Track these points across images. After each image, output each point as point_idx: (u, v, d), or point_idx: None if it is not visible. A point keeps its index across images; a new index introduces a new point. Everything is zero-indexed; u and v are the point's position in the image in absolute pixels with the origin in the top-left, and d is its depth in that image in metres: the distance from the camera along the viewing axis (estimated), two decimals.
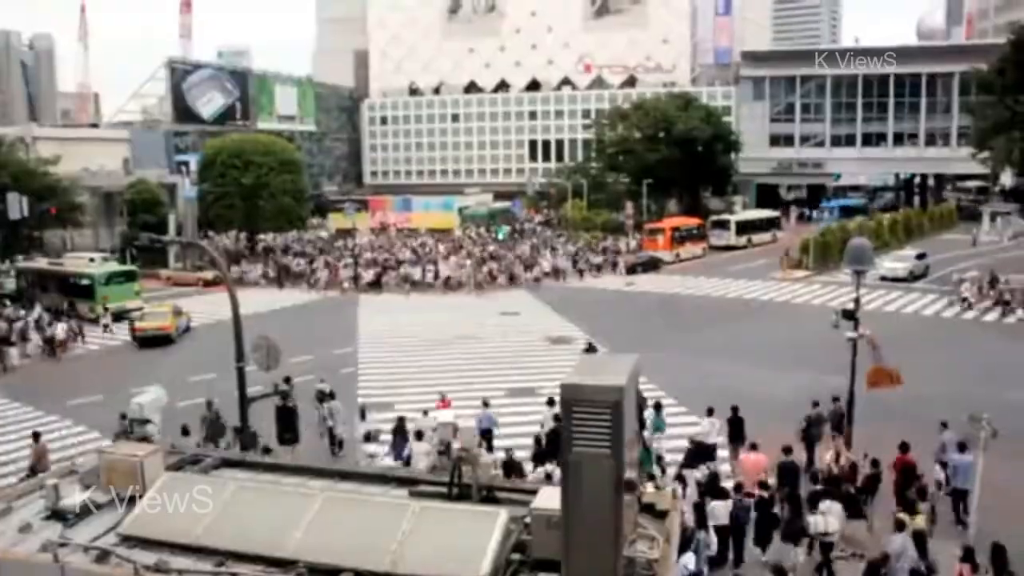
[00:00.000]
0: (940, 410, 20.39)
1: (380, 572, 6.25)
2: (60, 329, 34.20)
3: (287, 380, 19.05)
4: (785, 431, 18.95)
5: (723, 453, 19.26)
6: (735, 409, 19.92)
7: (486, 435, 20.22)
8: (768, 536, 14.93)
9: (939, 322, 34.54)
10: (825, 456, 16.95)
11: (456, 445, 14.01)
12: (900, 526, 13.54)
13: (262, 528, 6.79)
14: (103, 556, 6.65)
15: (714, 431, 19.17)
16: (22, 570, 6.64)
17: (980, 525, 14.40)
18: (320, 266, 53.06)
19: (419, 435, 18.74)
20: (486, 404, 21.18)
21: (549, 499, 6.36)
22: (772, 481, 15.93)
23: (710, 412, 19.50)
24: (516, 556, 6.46)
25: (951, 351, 29.67)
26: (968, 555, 12.43)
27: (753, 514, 14.93)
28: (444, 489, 7.66)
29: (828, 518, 14.26)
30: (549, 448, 17.54)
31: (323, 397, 21.71)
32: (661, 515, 7.21)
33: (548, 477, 14.45)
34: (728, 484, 16.05)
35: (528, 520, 6.61)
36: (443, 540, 6.45)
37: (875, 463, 15.97)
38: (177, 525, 6.90)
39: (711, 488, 15.50)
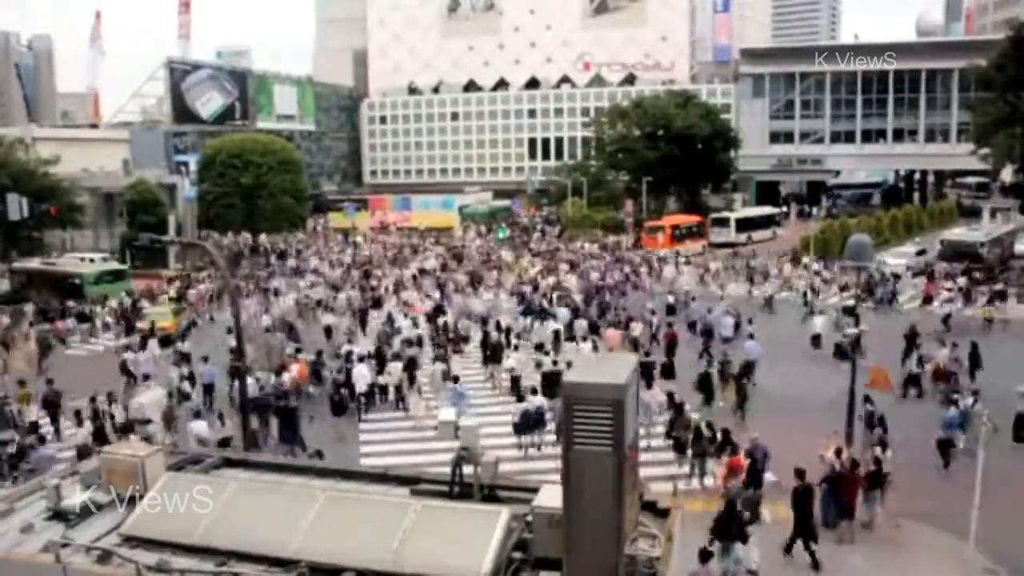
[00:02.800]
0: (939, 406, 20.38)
1: (382, 571, 6.25)
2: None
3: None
4: (785, 421, 19.03)
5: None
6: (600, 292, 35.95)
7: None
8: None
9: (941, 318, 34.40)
10: (827, 453, 16.95)
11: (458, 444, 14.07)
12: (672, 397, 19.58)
13: (264, 527, 6.79)
14: (105, 556, 6.65)
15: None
16: (24, 570, 6.64)
17: (983, 517, 14.37)
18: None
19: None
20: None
21: (551, 497, 6.36)
22: None
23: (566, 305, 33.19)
24: (518, 554, 6.46)
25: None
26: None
27: None
28: (446, 488, 7.66)
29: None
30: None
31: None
32: (662, 513, 7.21)
33: None
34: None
35: (530, 518, 6.61)
36: (445, 539, 6.46)
37: (877, 459, 15.97)
38: (178, 525, 6.90)
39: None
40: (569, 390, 5.86)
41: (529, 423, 19.69)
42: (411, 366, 24.60)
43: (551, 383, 21.26)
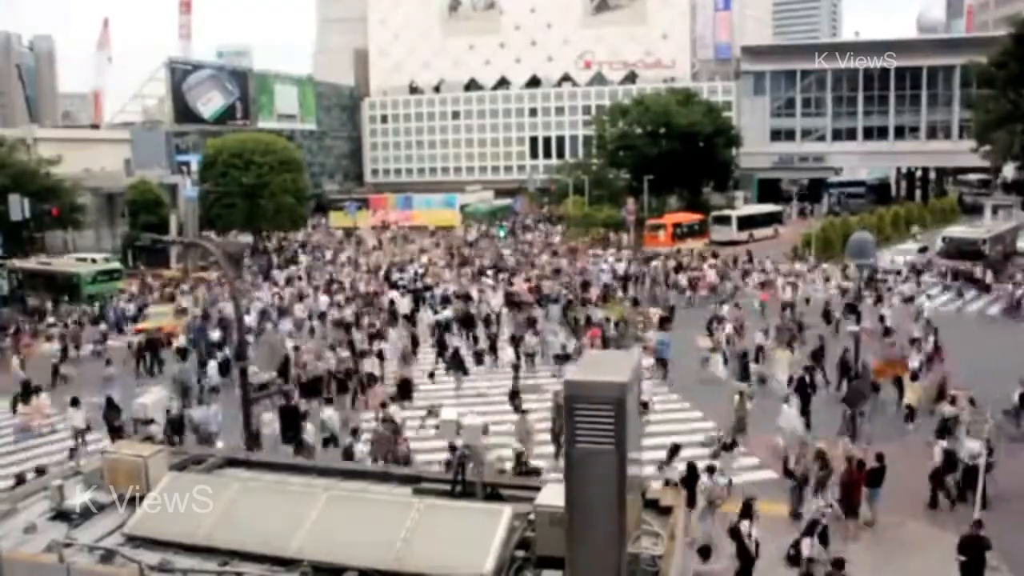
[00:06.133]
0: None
1: (384, 570, 6.25)
2: None
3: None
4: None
5: None
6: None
7: None
8: None
9: (943, 316, 34.39)
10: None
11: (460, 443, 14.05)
12: None
13: (266, 527, 6.79)
14: (108, 556, 6.66)
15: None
16: (27, 570, 6.65)
17: (984, 516, 14.36)
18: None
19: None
20: None
21: (553, 496, 6.35)
22: None
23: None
24: (520, 553, 6.45)
25: (956, 345, 29.59)
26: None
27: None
28: (448, 487, 7.66)
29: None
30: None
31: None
32: (665, 511, 7.21)
33: None
34: None
35: (532, 517, 6.60)
36: (447, 537, 6.45)
37: (879, 457, 15.96)
38: (181, 525, 6.91)
39: None
40: (571, 388, 5.85)
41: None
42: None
43: None
